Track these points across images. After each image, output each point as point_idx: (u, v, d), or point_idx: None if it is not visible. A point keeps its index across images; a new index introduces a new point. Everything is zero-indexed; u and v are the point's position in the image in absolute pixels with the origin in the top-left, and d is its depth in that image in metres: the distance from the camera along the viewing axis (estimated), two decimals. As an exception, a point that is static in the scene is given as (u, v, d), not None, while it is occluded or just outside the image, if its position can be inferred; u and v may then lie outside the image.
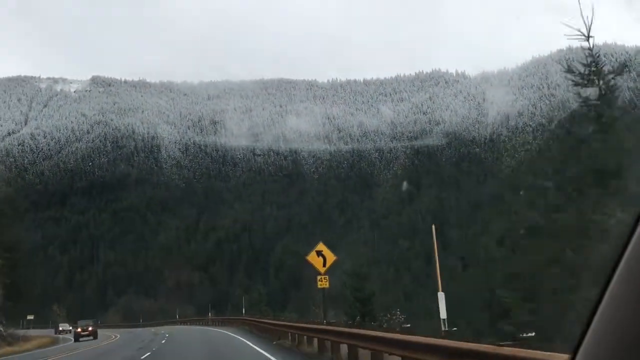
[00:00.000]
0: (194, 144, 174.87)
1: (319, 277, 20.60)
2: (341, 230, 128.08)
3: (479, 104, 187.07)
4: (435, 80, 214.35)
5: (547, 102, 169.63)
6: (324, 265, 20.34)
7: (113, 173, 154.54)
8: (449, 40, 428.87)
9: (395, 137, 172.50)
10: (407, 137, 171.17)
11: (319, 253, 20.90)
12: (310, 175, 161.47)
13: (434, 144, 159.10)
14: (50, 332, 64.43)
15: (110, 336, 44.32)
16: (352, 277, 33.28)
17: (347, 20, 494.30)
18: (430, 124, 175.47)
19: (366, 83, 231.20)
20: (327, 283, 20.98)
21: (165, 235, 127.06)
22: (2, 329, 37.08)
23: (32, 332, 57.74)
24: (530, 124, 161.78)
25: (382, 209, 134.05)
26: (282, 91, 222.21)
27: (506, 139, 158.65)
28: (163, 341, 30.00)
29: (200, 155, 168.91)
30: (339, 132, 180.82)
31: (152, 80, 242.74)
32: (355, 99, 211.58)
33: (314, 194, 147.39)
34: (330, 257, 20.72)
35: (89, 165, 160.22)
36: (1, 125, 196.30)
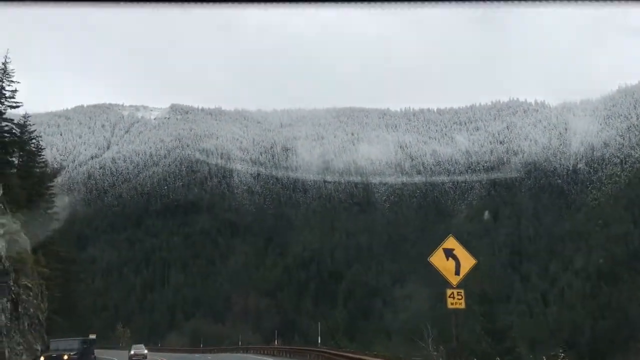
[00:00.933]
0: (265, 170, 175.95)
1: (449, 292, 14.24)
2: (413, 261, 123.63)
3: (560, 134, 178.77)
4: (513, 110, 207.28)
5: (636, 132, 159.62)
6: (457, 272, 13.86)
7: (186, 197, 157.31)
8: (528, 69, 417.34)
9: (470, 167, 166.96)
10: (483, 167, 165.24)
11: (449, 253, 14.33)
12: (381, 203, 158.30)
13: (512, 175, 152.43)
14: (116, 353, 63.36)
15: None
16: (482, 301, 24.74)
17: (420, 49, 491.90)
18: (507, 153, 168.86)
19: (440, 112, 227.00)
20: (463, 302, 14.21)
21: (234, 260, 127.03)
22: (38, 345, 35.94)
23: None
24: (618, 155, 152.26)
25: (460, 239, 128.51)
26: (354, 119, 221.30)
27: (591, 171, 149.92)
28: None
29: (271, 182, 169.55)
30: (412, 161, 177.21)
31: (228, 108, 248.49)
32: (429, 128, 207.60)
33: (384, 223, 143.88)
34: (468, 260, 14.29)
35: (164, 189, 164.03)
36: (85, 150, 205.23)
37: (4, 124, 42.41)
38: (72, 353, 33.10)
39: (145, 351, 54.41)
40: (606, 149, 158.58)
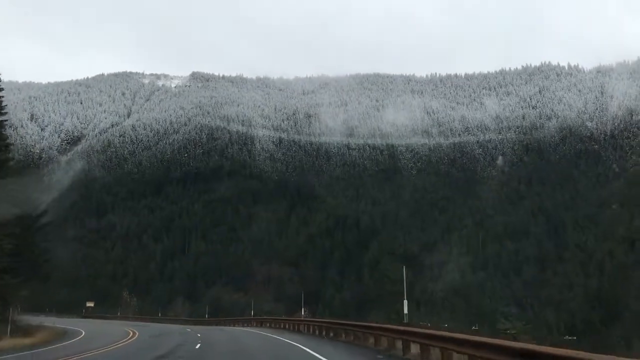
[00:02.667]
0: (287, 137, 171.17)
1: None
2: (442, 229, 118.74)
3: (596, 98, 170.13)
4: (545, 74, 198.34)
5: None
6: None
7: (207, 164, 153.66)
8: (559, 33, 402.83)
9: (501, 132, 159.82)
10: (515, 131, 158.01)
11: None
12: (407, 170, 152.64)
13: (545, 139, 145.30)
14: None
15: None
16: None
17: (445, 13, 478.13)
18: (540, 118, 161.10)
19: (468, 77, 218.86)
20: None
21: (256, 228, 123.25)
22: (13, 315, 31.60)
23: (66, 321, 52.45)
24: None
25: (487, 207, 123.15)
26: (378, 85, 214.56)
27: (631, 135, 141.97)
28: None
29: (293, 149, 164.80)
30: (439, 127, 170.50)
31: (249, 76, 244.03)
32: (457, 93, 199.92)
33: (411, 190, 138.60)
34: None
35: (185, 156, 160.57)
36: (106, 118, 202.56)
37: None
38: None
39: None
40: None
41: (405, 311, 31.92)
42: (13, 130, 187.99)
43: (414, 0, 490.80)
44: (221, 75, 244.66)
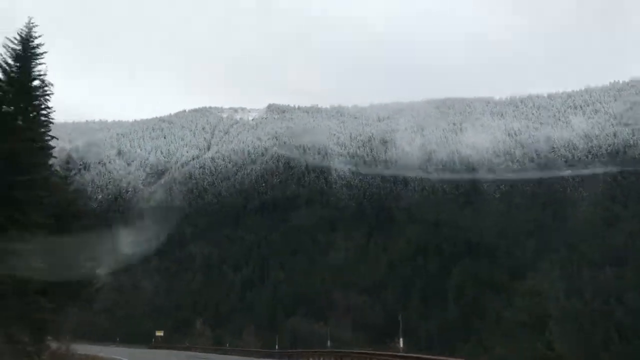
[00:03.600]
0: (364, 163, 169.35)
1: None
2: (531, 255, 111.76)
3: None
4: (635, 89, 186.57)
5: None
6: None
7: (284, 193, 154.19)
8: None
9: (591, 152, 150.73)
10: (607, 151, 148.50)
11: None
12: (490, 194, 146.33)
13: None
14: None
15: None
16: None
17: (521, 33, 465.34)
18: (634, 135, 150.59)
19: (550, 97, 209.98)
20: None
21: (335, 256, 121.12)
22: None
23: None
24: None
25: (580, 230, 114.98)
26: (455, 109, 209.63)
27: None
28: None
29: (370, 175, 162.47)
30: (523, 149, 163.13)
31: (324, 106, 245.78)
32: (539, 114, 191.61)
33: (495, 215, 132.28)
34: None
35: (262, 186, 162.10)
36: (187, 152, 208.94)
37: None
38: None
39: None
40: None
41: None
42: (102, 166, 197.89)
43: (486, 22, 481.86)
44: (296, 106, 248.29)
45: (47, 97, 28.74)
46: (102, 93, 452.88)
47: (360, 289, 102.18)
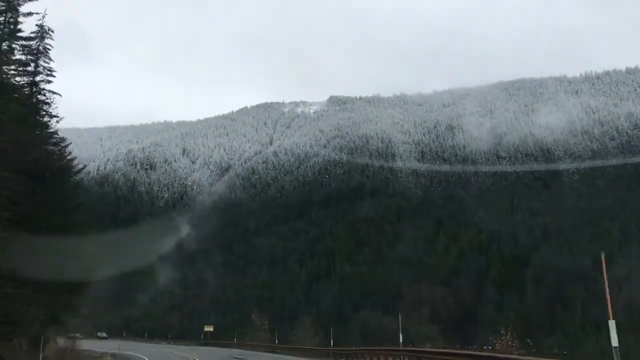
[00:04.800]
0: (430, 150, 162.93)
1: None
2: (617, 239, 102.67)
3: None
4: None
5: None
6: None
7: (348, 184, 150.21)
8: None
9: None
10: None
11: None
12: (568, 176, 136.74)
13: None
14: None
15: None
16: None
17: (593, 6, 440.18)
18: None
19: (630, 71, 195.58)
20: None
21: (403, 247, 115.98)
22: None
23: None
24: None
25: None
26: (525, 90, 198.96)
27: None
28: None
29: (437, 162, 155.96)
30: (602, 127, 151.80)
31: (386, 95, 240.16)
32: (618, 89, 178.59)
33: (574, 198, 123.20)
34: None
35: (325, 178, 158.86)
36: (250, 147, 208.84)
37: None
38: None
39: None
40: None
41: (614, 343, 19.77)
42: (167, 164, 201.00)
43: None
44: (358, 97, 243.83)
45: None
46: (166, 96, 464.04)
47: (431, 281, 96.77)
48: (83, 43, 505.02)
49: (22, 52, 28.52)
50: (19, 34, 27.60)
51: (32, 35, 28.59)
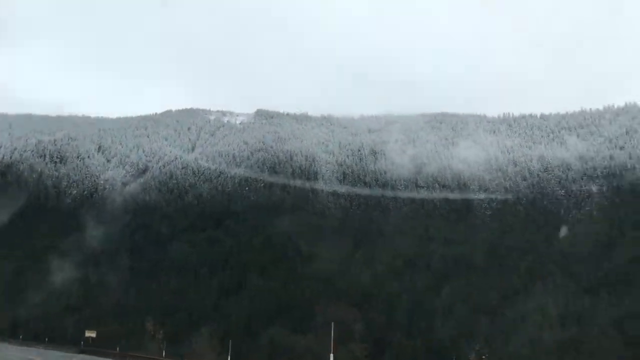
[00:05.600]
0: (352, 173, 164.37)
1: None
2: (523, 276, 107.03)
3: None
4: (631, 114, 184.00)
5: None
6: None
7: (268, 198, 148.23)
8: None
9: (586, 174, 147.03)
10: (602, 173, 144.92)
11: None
12: (481, 210, 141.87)
13: (638, 182, 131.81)
14: None
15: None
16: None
17: (516, 53, 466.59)
18: (631, 159, 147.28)
19: (544, 117, 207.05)
20: None
21: (319, 265, 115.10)
22: None
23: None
24: None
25: (575, 253, 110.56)
26: (447, 124, 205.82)
27: None
28: None
29: (358, 185, 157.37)
30: (515, 166, 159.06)
31: (313, 114, 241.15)
32: (533, 133, 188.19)
33: (487, 232, 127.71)
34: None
35: (246, 190, 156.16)
36: (170, 151, 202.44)
37: None
38: None
39: None
40: None
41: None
42: (80, 160, 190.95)
43: (482, 40, 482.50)
44: (285, 112, 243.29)
45: None
46: (87, 90, 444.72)
47: (344, 302, 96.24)
48: (2, 28, 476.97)
49: None
50: None
51: None
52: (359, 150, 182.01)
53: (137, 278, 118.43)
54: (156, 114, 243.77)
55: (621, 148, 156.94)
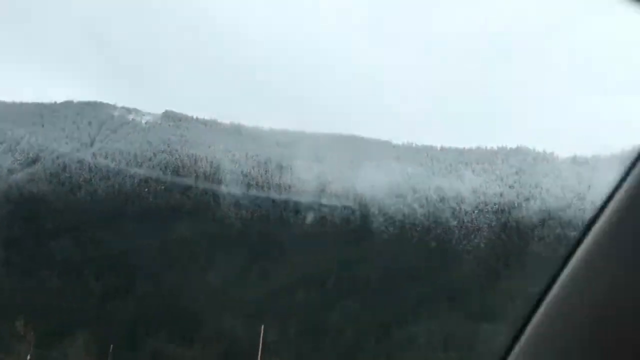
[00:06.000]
0: (257, 184, 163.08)
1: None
2: (413, 302, 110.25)
3: (573, 186, 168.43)
4: (522, 156, 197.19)
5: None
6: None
7: (167, 202, 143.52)
8: (536, 117, 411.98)
9: (477, 207, 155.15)
10: (492, 209, 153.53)
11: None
12: (379, 234, 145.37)
13: (524, 220, 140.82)
14: None
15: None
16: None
17: (416, 86, 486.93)
18: (518, 197, 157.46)
19: (443, 150, 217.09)
20: None
21: (213, 275, 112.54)
22: None
23: None
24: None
25: (462, 283, 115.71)
26: (355, 146, 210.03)
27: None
28: None
29: (261, 197, 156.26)
30: (414, 194, 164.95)
31: (223, 121, 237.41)
32: (433, 164, 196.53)
33: (382, 255, 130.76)
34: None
35: (145, 191, 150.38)
36: (67, 143, 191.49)
37: None
38: None
39: None
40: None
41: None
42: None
43: (398, 66, 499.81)
44: (195, 117, 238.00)
45: None
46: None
47: (236, 315, 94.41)
48: None
49: None
50: None
51: None
52: (266, 163, 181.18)
53: (12, 273, 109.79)
54: (55, 102, 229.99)
55: (510, 187, 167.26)
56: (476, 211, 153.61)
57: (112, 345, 59.15)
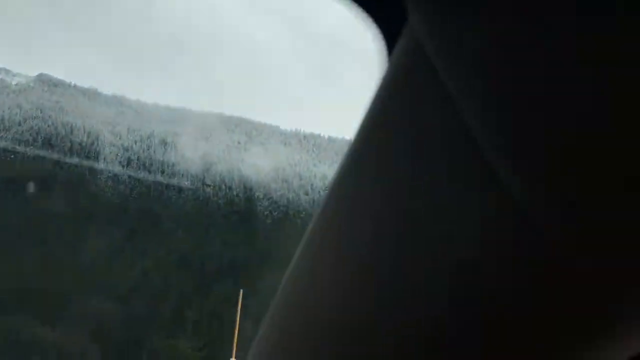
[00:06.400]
0: (138, 160, 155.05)
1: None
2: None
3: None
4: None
5: None
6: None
7: (38, 172, 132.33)
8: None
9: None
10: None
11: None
12: (263, 217, 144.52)
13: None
14: None
15: None
16: None
17: (305, 72, 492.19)
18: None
19: (331, 140, 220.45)
20: None
21: (83, 253, 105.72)
22: None
23: None
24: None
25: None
26: (242, 128, 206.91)
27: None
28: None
29: (142, 173, 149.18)
30: (300, 180, 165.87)
31: (104, 92, 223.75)
32: (319, 152, 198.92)
33: (265, 238, 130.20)
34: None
35: (11, 158, 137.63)
36: None
37: None
38: None
39: None
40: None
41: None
42: None
43: (282, 49, 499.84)
44: (73, 83, 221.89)
45: None
46: None
47: (106, 296, 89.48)
48: None
49: None
50: None
51: None
52: (149, 138, 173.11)
53: None
54: None
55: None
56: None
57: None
